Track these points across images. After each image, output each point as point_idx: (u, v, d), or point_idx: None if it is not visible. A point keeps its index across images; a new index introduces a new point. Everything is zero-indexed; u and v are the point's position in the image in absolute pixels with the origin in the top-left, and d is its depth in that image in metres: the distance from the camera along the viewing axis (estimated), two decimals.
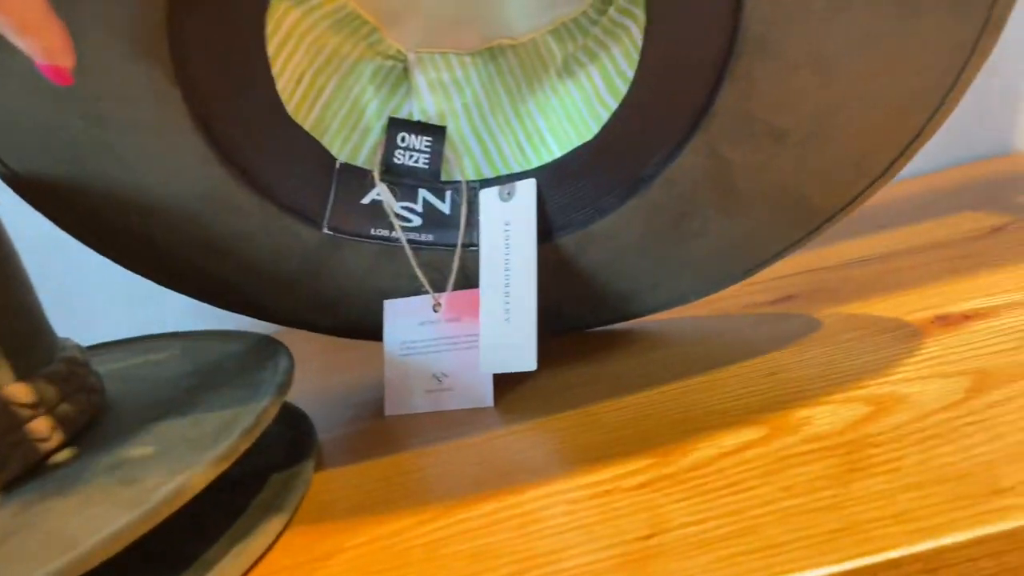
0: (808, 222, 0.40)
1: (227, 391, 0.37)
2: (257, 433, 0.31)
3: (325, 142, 0.43)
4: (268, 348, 0.41)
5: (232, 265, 0.43)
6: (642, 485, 0.30)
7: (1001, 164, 0.67)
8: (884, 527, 0.25)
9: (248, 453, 0.40)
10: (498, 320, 0.41)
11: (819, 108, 0.35)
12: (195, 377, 0.40)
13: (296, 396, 0.51)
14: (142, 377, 0.42)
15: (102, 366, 0.44)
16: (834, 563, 0.24)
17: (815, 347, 0.39)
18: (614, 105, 0.40)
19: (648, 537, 0.27)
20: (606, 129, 0.40)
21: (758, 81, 0.34)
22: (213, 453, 0.29)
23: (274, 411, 0.33)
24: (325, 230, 0.43)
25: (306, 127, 0.42)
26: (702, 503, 0.28)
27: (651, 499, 0.29)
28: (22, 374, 0.32)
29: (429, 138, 0.45)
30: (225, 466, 0.29)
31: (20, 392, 0.32)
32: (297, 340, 0.57)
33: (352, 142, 0.44)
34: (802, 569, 0.24)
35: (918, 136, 0.36)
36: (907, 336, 0.38)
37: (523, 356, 0.40)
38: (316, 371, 0.55)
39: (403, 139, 0.44)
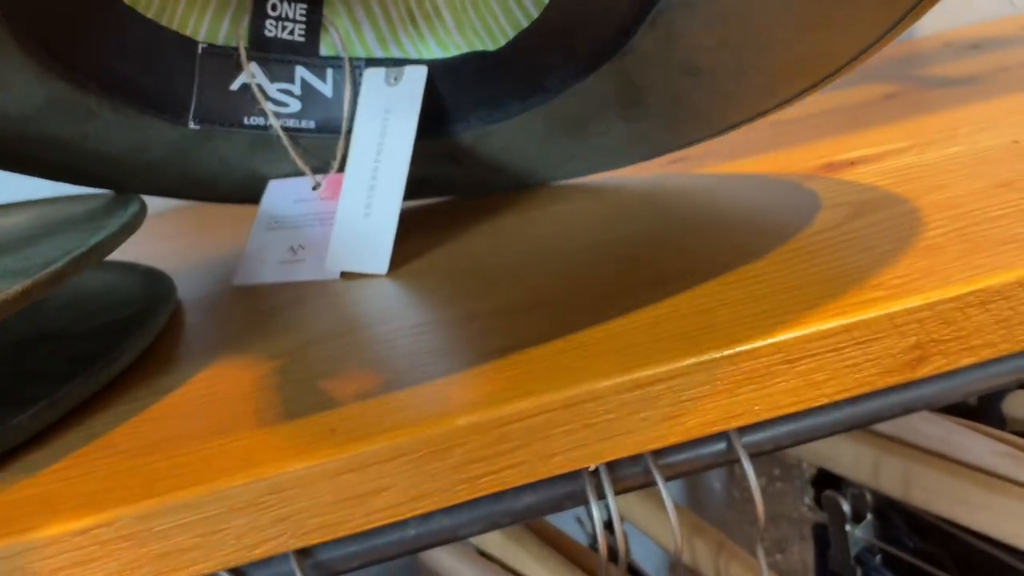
0: (711, 128, 0.38)
1: (69, 235, 0.33)
2: (91, 260, 0.28)
3: (176, 25, 0.38)
4: (122, 199, 0.38)
5: (89, 158, 0.39)
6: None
7: (902, 47, 0.67)
8: (747, 323, 0.23)
9: (103, 305, 0.37)
10: (357, 215, 0.37)
11: (738, 52, 0.32)
12: (40, 229, 0.36)
13: (164, 265, 0.47)
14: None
15: None
16: (695, 356, 0.22)
17: (697, 196, 0.38)
18: (534, 12, 0.36)
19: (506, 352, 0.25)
20: (518, 38, 0.36)
21: (679, 31, 0.31)
22: (40, 274, 0.26)
23: (113, 245, 0.30)
24: (191, 125, 0.38)
25: (149, 13, 0.37)
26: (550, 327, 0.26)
27: (505, 326, 0.27)
28: None
29: (305, 4, 0.40)
30: (50, 289, 0.26)
31: None
32: (184, 215, 0.54)
33: (209, 16, 0.39)
34: (658, 363, 0.22)
35: (838, 71, 0.34)
36: (793, 180, 0.37)
37: (376, 258, 0.36)
38: (189, 246, 0.52)
39: (273, 7, 0.40)
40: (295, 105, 0.40)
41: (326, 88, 0.40)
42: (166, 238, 0.53)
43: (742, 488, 0.79)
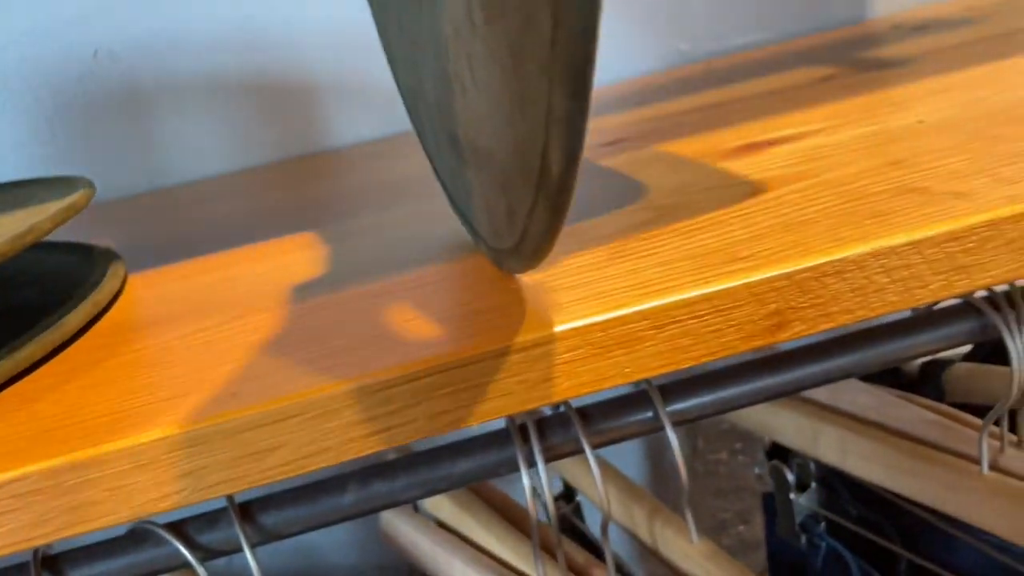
0: None
1: (16, 214, 0.35)
2: (28, 239, 0.30)
3: None
4: (70, 181, 0.40)
5: None
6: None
7: (851, 31, 0.68)
8: (624, 292, 0.25)
9: (56, 282, 0.38)
10: None
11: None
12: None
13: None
14: None
15: None
16: (564, 323, 0.24)
17: (627, 176, 0.39)
18: None
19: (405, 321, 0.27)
20: None
21: None
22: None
23: (55, 223, 0.32)
24: None
25: None
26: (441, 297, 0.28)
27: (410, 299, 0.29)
28: None
29: None
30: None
31: None
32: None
33: None
34: (536, 330, 0.24)
35: None
36: (714, 161, 0.39)
37: None
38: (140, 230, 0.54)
39: None
40: None
41: None
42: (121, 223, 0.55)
43: (704, 461, 0.82)
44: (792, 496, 0.59)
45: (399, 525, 0.56)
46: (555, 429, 0.39)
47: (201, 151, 0.61)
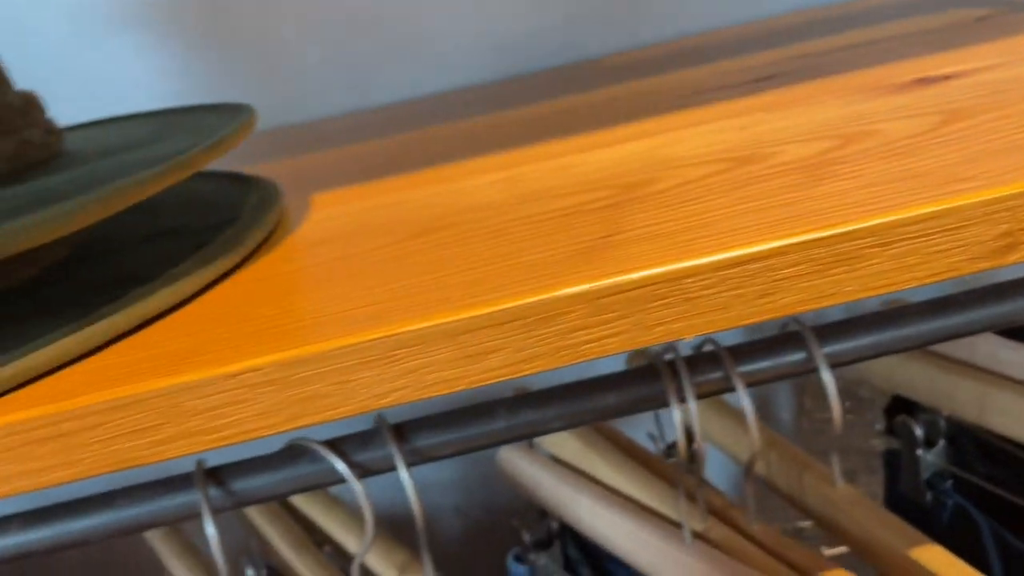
0: None
1: (189, 135, 0.36)
2: (215, 153, 0.31)
3: None
4: (233, 107, 0.40)
5: None
6: (604, 207, 0.30)
7: None
8: (840, 211, 0.25)
9: (216, 206, 0.39)
10: None
11: None
12: (160, 132, 0.39)
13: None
14: (106, 135, 0.41)
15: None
16: (783, 238, 0.24)
17: (791, 107, 0.38)
18: None
19: (607, 236, 0.27)
20: None
21: None
22: (168, 164, 0.29)
23: (233, 142, 0.33)
24: None
25: None
26: (661, 212, 0.28)
27: (612, 214, 0.29)
28: None
29: None
30: (184, 173, 0.29)
31: None
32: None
33: None
34: (755, 243, 0.24)
35: None
36: (885, 93, 0.37)
37: None
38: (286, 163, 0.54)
39: None
40: None
41: None
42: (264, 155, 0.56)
43: (812, 420, 0.80)
44: (919, 452, 0.57)
45: (518, 462, 0.56)
46: (703, 366, 0.39)
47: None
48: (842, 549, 0.47)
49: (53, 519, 0.37)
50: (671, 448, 0.64)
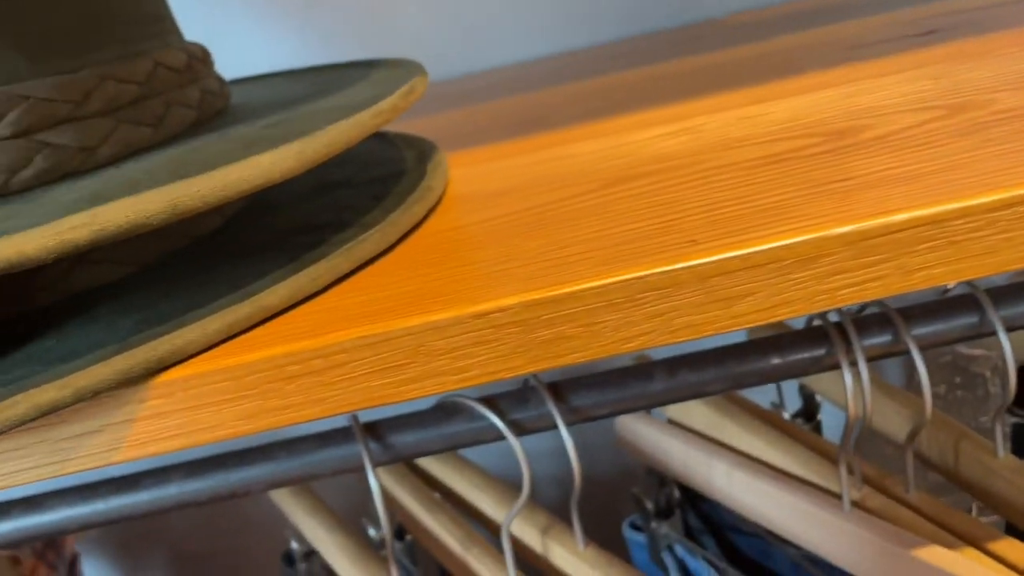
0: None
1: (360, 87, 0.35)
2: (412, 98, 0.30)
3: None
4: (395, 63, 0.39)
5: None
6: (821, 153, 0.29)
7: None
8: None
9: (376, 161, 0.39)
10: None
11: None
12: (319, 87, 0.39)
13: None
14: (262, 91, 0.41)
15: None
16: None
17: (977, 59, 0.36)
18: None
19: (842, 180, 0.26)
20: None
21: None
22: (379, 104, 0.28)
23: (422, 87, 0.32)
24: None
25: None
26: (894, 157, 0.27)
27: (834, 159, 0.28)
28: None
29: None
30: (394, 114, 0.28)
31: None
32: None
33: None
34: (1017, 187, 0.22)
35: None
36: None
37: None
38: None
39: None
40: None
41: None
42: None
43: (918, 393, 0.78)
44: None
45: (641, 428, 0.56)
46: (873, 329, 0.38)
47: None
48: (995, 518, 0.46)
49: (215, 469, 0.37)
50: (795, 419, 0.63)
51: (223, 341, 0.23)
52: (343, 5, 0.60)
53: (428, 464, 0.54)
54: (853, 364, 0.37)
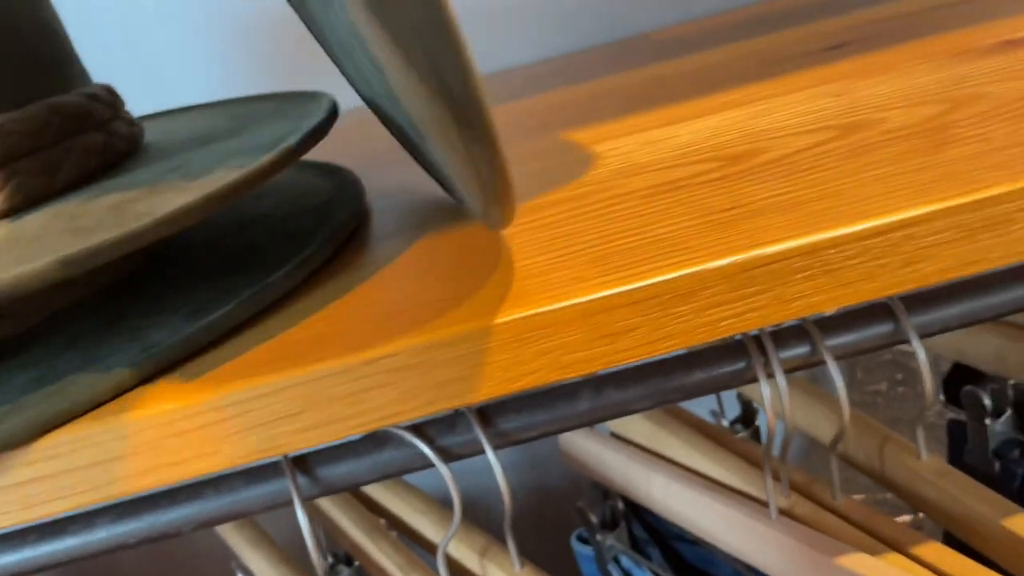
0: None
1: (278, 123, 0.35)
2: (316, 138, 0.30)
3: None
4: (308, 96, 0.40)
5: None
6: (718, 179, 0.29)
7: None
8: (980, 174, 0.24)
9: (294, 193, 0.39)
10: None
11: None
12: (245, 120, 0.39)
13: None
14: (181, 128, 0.41)
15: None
16: (928, 205, 0.23)
17: (881, 73, 0.37)
18: None
19: (730, 208, 0.26)
20: None
21: None
22: (279, 148, 0.28)
23: (326, 129, 0.32)
24: None
25: None
26: (782, 183, 0.27)
27: (729, 186, 0.28)
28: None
29: None
30: (293, 158, 0.28)
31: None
32: None
33: None
34: (891, 213, 0.23)
35: None
36: (975, 57, 0.37)
37: None
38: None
39: None
40: None
41: None
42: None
43: (863, 393, 0.80)
44: (987, 422, 0.57)
45: (583, 442, 0.56)
46: (791, 340, 0.38)
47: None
48: (920, 516, 0.47)
49: (144, 511, 0.37)
50: (734, 425, 0.64)
51: (115, 397, 0.23)
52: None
53: (372, 490, 0.54)
54: (771, 376, 0.38)
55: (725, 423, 0.61)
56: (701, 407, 0.58)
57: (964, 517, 0.42)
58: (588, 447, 0.56)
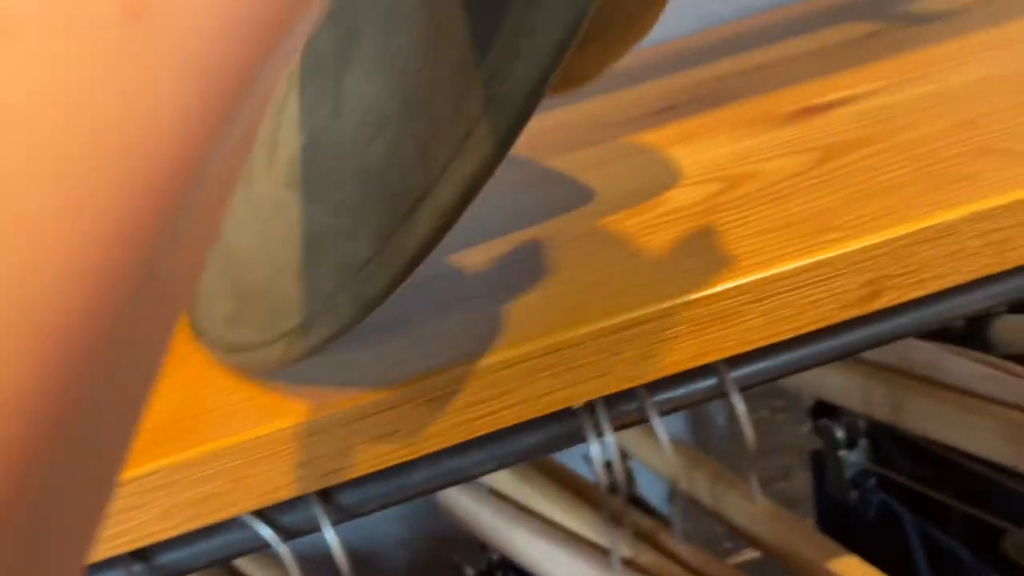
0: None
1: None
2: None
3: None
4: None
5: None
6: None
7: None
8: (714, 269, 0.25)
9: None
10: None
11: None
12: None
13: None
14: None
15: None
16: (665, 301, 0.24)
17: (685, 146, 0.39)
18: None
19: None
20: None
21: None
22: None
23: None
24: None
25: None
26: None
27: None
28: None
29: None
30: None
31: None
32: None
33: None
34: (635, 309, 0.24)
35: None
36: (771, 127, 0.39)
37: None
38: None
39: None
40: None
41: None
42: None
43: (737, 432, 0.82)
44: (841, 453, 0.59)
45: (457, 496, 0.57)
46: (620, 399, 0.40)
47: None
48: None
49: None
50: (608, 468, 0.65)
51: None
52: None
53: (240, 562, 0.54)
54: (601, 435, 0.39)
55: (597, 468, 0.63)
56: (575, 450, 0.60)
57: (790, 555, 0.44)
58: (462, 500, 0.57)
